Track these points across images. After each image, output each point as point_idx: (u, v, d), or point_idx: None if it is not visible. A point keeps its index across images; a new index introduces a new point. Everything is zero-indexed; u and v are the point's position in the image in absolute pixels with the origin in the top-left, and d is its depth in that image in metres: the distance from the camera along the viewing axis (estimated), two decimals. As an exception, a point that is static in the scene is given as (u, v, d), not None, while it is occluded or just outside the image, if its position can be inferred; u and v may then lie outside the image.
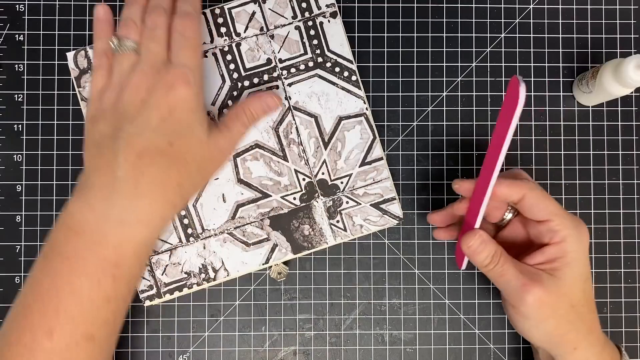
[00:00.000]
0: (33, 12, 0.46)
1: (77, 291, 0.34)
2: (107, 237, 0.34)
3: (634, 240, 0.47)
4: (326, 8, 0.44)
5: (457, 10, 0.48)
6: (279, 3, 0.44)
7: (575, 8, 0.48)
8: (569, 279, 0.36)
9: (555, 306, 0.36)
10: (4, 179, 0.46)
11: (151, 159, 0.35)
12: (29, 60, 0.46)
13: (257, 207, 0.44)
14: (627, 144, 0.47)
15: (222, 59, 0.44)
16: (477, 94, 0.47)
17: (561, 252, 0.36)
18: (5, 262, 0.46)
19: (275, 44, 0.44)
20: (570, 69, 0.48)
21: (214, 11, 0.44)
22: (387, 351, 0.46)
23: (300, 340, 0.46)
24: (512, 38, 0.48)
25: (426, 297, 0.46)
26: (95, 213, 0.35)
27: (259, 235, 0.44)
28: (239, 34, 0.44)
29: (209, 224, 0.44)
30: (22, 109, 0.46)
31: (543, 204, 0.37)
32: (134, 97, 0.36)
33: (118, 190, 0.34)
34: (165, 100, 0.36)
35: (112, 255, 0.35)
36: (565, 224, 0.36)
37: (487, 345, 0.46)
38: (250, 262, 0.44)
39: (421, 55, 0.47)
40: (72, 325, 0.34)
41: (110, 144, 0.36)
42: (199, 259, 0.44)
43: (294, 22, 0.44)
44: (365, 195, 0.44)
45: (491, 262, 0.36)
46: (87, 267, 0.34)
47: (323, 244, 0.44)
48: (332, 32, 0.44)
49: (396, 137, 0.47)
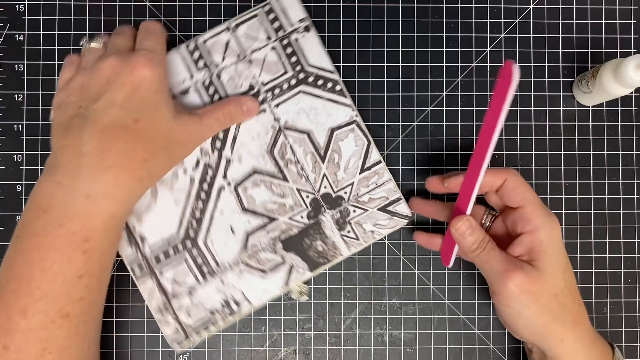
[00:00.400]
0: (33, 12, 0.46)
1: (49, 268, 0.34)
2: (75, 211, 0.35)
3: (634, 240, 0.47)
4: (299, 23, 0.44)
5: (457, 10, 0.48)
6: (251, 27, 0.44)
7: (575, 8, 0.48)
8: (548, 267, 0.37)
9: (537, 294, 0.37)
10: (4, 179, 0.46)
11: (116, 134, 0.36)
12: (29, 60, 0.46)
13: (267, 232, 0.43)
14: (627, 144, 0.47)
15: (205, 93, 0.44)
16: (477, 94, 0.47)
17: (536, 241, 0.38)
18: (5, 262, 0.46)
19: (255, 68, 0.44)
20: (570, 69, 0.48)
21: (188, 47, 0.44)
22: (387, 351, 0.46)
23: (300, 340, 0.46)
24: (512, 38, 0.48)
25: (426, 297, 0.46)
26: (62, 189, 0.35)
27: (274, 260, 0.43)
28: (217, 65, 0.44)
29: (222, 259, 0.43)
30: (22, 109, 0.46)
31: (520, 189, 0.38)
32: (99, 79, 0.37)
33: (84, 165, 0.35)
34: (130, 78, 0.37)
35: (81, 230, 0.35)
36: (538, 212, 0.38)
37: (487, 345, 0.46)
38: (270, 288, 0.43)
39: (421, 55, 0.47)
40: (45, 302, 0.34)
41: (76, 123, 0.36)
42: (219, 294, 0.43)
43: (269, 43, 0.44)
44: (371, 200, 0.44)
45: (478, 248, 0.38)
46: (56, 242, 0.34)
47: (338, 256, 0.44)
48: (309, 46, 0.44)
49: (396, 137, 0.47)
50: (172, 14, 0.47)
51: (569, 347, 0.38)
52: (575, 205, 0.47)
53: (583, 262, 0.47)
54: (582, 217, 0.47)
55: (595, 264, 0.47)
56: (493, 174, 0.39)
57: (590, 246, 0.47)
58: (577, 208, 0.47)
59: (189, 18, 0.47)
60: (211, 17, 0.47)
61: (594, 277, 0.47)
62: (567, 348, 0.38)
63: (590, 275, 0.47)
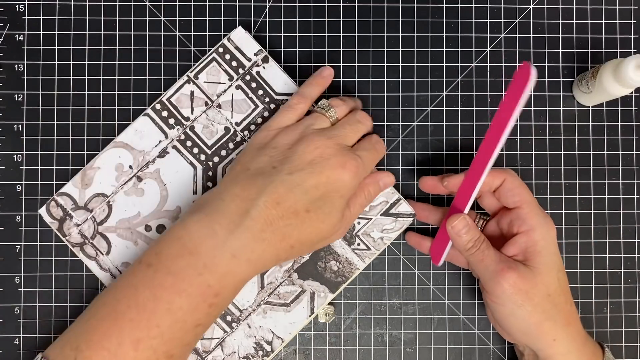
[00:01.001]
0: (33, 12, 0.46)
1: (175, 311, 0.34)
2: (217, 266, 0.34)
3: (634, 240, 0.47)
4: (255, 57, 0.44)
5: (457, 10, 0.48)
6: (211, 73, 0.44)
7: (575, 8, 0.48)
8: (543, 267, 0.38)
9: (531, 293, 0.37)
10: (4, 179, 0.46)
11: (284, 214, 0.36)
12: (29, 60, 0.46)
13: (280, 266, 0.43)
14: (627, 144, 0.47)
15: (183, 149, 0.44)
16: (477, 94, 0.47)
17: (530, 241, 0.38)
18: (5, 262, 0.46)
19: (226, 111, 0.44)
20: (570, 69, 0.48)
21: (154, 108, 0.44)
22: (387, 351, 0.46)
23: (300, 340, 0.46)
24: (512, 38, 0.48)
25: (426, 297, 0.46)
26: (215, 239, 0.34)
27: (293, 291, 0.43)
28: (188, 118, 0.44)
29: (244, 304, 0.43)
30: (22, 109, 0.46)
31: (518, 189, 0.39)
32: (306, 154, 0.37)
33: (245, 226, 0.35)
34: (329, 172, 0.37)
35: (216, 285, 0.35)
36: (534, 213, 0.39)
37: (487, 345, 0.46)
38: (297, 320, 0.43)
39: (421, 55, 0.47)
40: (159, 341, 0.34)
41: (261, 180, 0.36)
42: (249, 339, 0.43)
43: (232, 83, 0.44)
44: (372, 208, 0.44)
45: (473, 247, 0.39)
46: (190, 290, 0.34)
47: (355, 270, 0.44)
48: (271, 75, 0.44)
49: (396, 137, 0.47)
50: (172, 14, 0.47)
51: (561, 347, 0.38)
52: (575, 205, 0.47)
53: (583, 262, 0.47)
54: (582, 217, 0.47)
55: (595, 264, 0.47)
56: (492, 174, 0.39)
57: (590, 246, 0.47)
58: (577, 208, 0.47)
59: (189, 18, 0.47)
60: (211, 17, 0.47)
61: (594, 277, 0.47)
62: (560, 348, 0.38)
63: (590, 275, 0.47)
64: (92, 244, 0.43)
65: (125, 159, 0.44)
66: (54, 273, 0.46)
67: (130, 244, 0.43)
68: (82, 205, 0.43)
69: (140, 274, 0.35)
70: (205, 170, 0.44)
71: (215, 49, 0.44)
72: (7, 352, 0.45)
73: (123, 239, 0.43)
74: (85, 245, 0.43)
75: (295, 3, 0.47)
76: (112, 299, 0.35)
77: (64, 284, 0.46)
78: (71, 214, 0.43)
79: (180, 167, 0.44)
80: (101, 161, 0.44)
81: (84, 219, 0.43)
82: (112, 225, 0.43)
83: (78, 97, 0.46)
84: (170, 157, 0.44)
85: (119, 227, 0.43)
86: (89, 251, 0.43)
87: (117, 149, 0.44)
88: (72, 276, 0.46)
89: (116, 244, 0.43)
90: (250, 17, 0.47)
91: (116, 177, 0.43)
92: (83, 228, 0.43)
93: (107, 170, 0.44)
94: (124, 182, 0.43)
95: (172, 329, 0.34)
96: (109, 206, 0.43)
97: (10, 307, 0.46)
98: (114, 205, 0.43)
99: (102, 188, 0.43)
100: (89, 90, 0.46)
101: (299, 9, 0.47)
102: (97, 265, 0.43)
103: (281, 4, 0.47)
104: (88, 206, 0.43)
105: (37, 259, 0.46)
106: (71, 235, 0.43)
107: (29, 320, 0.46)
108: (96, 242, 0.43)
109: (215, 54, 0.44)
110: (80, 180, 0.43)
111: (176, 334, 0.34)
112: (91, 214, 0.43)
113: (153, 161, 0.43)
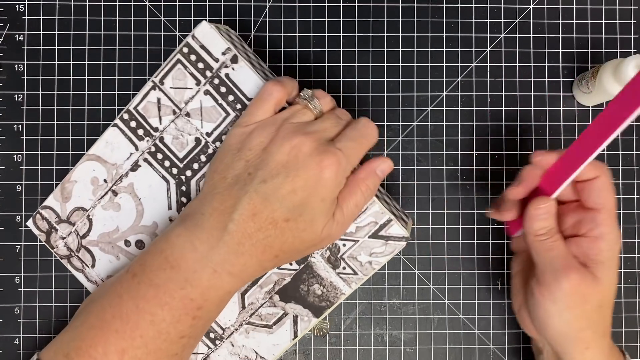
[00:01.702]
0: (33, 12, 0.46)
1: (157, 323, 0.34)
2: (199, 280, 0.34)
3: (634, 240, 0.47)
4: (223, 56, 0.39)
5: (457, 10, 0.48)
6: (176, 77, 0.40)
7: (575, 8, 0.48)
8: (604, 278, 0.36)
9: (586, 299, 0.36)
10: (4, 179, 0.46)
11: (261, 225, 0.34)
12: (29, 60, 0.46)
13: (260, 287, 0.41)
14: (627, 144, 0.47)
15: (155, 162, 0.41)
16: (477, 94, 0.47)
17: (596, 248, 0.36)
18: (5, 262, 0.46)
19: (195, 120, 0.40)
20: (570, 69, 0.48)
21: (122, 118, 0.41)
22: (387, 351, 0.46)
23: (300, 341, 0.46)
24: (512, 38, 0.48)
25: (426, 297, 0.46)
26: (196, 254, 0.34)
27: (275, 313, 0.42)
28: (156, 129, 0.40)
29: (225, 322, 0.42)
30: (22, 109, 0.46)
31: (607, 192, 0.36)
32: (281, 154, 0.34)
33: (223, 242, 0.34)
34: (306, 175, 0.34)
35: (199, 298, 0.34)
36: (611, 221, 0.36)
37: (487, 345, 0.46)
38: (280, 342, 0.42)
39: (421, 55, 0.47)
40: (143, 351, 0.34)
41: (235, 191, 0.35)
42: (233, 357, 0.42)
43: (200, 87, 0.39)
44: (359, 229, 0.40)
45: (546, 234, 0.36)
46: (172, 303, 0.34)
47: (340, 296, 0.41)
48: (242, 78, 0.39)
49: (396, 137, 0.47)
50: (172, 14, 0.47)
51: (590, 356, 0.37)
52: (575, 205, 0.47)
53: (583, 262, 0.47)
54: (582, 217, 0.47)
55: (595, 264, 0.47)
56: (589, 166, 0.36)
57: (590, 246, 0.47)
58: (577, 208, 0.47)
59: (189, 18, 0.47)
60: (211, 17, 0.47)
61: (594, 277, 0.47)
62: (589, 356, 0.37)
63: None
64: (78, 257, 0.43)
65: (100, 173, 0.42)
66: (54, 273, 0.46)
67: (112, 258, 0.42)
68: (65, 218, 0.42)
69: (125, 283, 0.35)
70: (179, 185, 0.41)
71: (179, 49, 0.39)
72: (7, 352, 0.45)
73: (105, 253, 0.42)
74: (72, 258, 0.43)
75: (295, 3, 0.47)
76: (99, 307, 0.35)
77: (64, 284, 0.46)
78: (56, 227, 0.42)
79: (153, 182, 0.41)
80: (77, 174, 0.42)
81: (68, 232, 0.42)
82: (94, 240, 0.42)
83: (78, 97, 0.46)
84: (142, 170, 0.41)
85: (101, 241, 0.42)
86: (76, 264, 0.43)
87: (90, 162, 0.42)
88: (72, 276, 0.46)
89: (99, 257, 0.42)
90: (250, 17, 0.47)
91: (93, 191, 0.42)
92: (68, 241, 0.42)
93: (83, 184, 0.42)
94: (100, 196, 0.42)
95: (156, 340, 0.34)
96: (89, 220, 0.42)
97: (10, 307, 0.46)
98: (94, 220, 0.42)
99: (81, 202, 0.42)
100: (89, 91, 0.46)
101: (299, 9, 0.47)
102: (85, 278, 0.43)
103: (281, 4, 0.47)
104: (70, 220, 0.42)
105: (37, 259, 0.46)
106: (58, 247, 0.43)
107: (29, 320, 0.46)
108: (81, 255, 0.42)
109: (180, 55, 0.39)
110: (60, 194, 0.42)
111: (161, 345, 0.34)
112: (74, 228, 0.42)
113: (126, 175, 0.41)
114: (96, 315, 0.35)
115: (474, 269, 0.47)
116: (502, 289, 0.47)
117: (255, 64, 0.41)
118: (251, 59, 0.41)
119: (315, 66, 0.47)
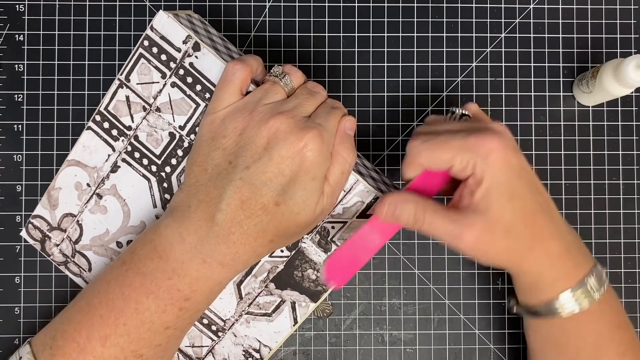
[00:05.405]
0: (33, 12, 0.47)
1: (142, 311, 0.34)
2: (187, 271, 0.34)
3: (634, 240, 0.47)
4: (185, 45, 0.37)
5: (457, 10, 0.48)
6: (141, 72, 0.39)
7: (575, 8, 0.48)
8: (493, 205, 0.34)
9: (491, 240, 0.34)
10: (4, 179, 0.46)
11: (251, 212, 0.33)
12: (29, 60, 0.46)
13: (255, 277, 0.41)
14: (627, 144, 0.47)
15: (133, 161, 0.40)
16: (477, 94, 0.47)
17: (474, 182, 0.34)
18: (5, 262, 0.46)
19: (166, 115, 0.39)
20: (570, 69, 0.48)
21: (95, 120, 0.40)
22: (387, 351, 0.46)
23: (300, 340, 0.46)
24: (512, 38, 0.48)
25: (426, 297, 0.46)
26: (184, 245, 0.34)
27: (273, 301, 0.42)
28: (130, 128, 0.40)
29: (225, 314, 0.42)
30: (22, 109, 0.46)
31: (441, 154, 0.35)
32: (261, 137, 0.33)
33: (212, 233, 0.34)
34: (289, 154, 0.33)
35: (186, 289, 0.34)
36: (465, 156, 0.34)
37: (487, 345, 0.46)
38: (281, 329, 0.42)
39: (421, 55, 0.47)
40: (126, 339, 0.34)
41: (220, 181, 0.34)
42: (237, 347, 0.42)
43: (166, 80, 0.38)
44: (346, 210, 0.39)
45: (417, 221, 0.35)
46: (158, 292, 0.34)
47: None
48: (207, 65, 0.37)
49: (396, 137, 0.47)
50: (172, 14, 0.47)
51: (528, 275, 0.36)
52: (575, 205, 0.47)
53: (583, 262, 0.47)
54: (582, 217, 0.47)
55: (595, 264, 0.47)
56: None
57: (591, 246, 0.47)
58: (577, 208, 0.47)
59: (189, 18, 0.47)
60: (211, 17, 0.47)
61: (594, 277, 0.47)
62: (527, 276, 0.36)
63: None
64: (74, 262, 0.43)
65: (82, 177, 0.41)
66: (54, 273, 0.46)
67: (107, 260, 0.42)
68: (56, 225, 0.42)
69: (115, 270, 0.35)
70: (160, 182, 0.41)
71: (140, 42, 0.38)
72: (7, 352, 0.45)
73: (100, 256, 0.42)
74: (68, 264, 0.43)
75: (295, 3, 0.47)
76: (89, 292, 0.36)
77: (64, 284, 0.46)
78: (49, 235, 0.42)
79: (135, 181, 0.41)
80: (60, 181, 0.41)
81: (61, 239, 0.42)
82: (87, 244, 0.42)
83: (78, 97, 0.46)
84: (122, 171, 0.41)
85: (93, 245, 0.42)
86: (73, 269, 0.43)
87: (71, 167, 0.41)
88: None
89: (95, 260, 0.42)
90: (250, 17, 0.47)
91: (78, 196, 0.42)
92: (62, 247, 0.42)
93: (68, 190, 0.41)
94: (86, 200, 0.42)
95: (139, 329, 0.34)
96: (79, 225, 0.42)
97: (10, 307, 0.46)
98: (84, 224, 0.42)
99: (69, 208, 0.42)
100: (88, 90, 0.46)
101: (299, 9, 0.47)
102: (83, 281, 0.43)
103: (281, 4, 0.47)
104: (61, 226, 0.42)
105: (37, 259, 0.46)
106: (54, 254, 0.43)
107: (29, 320, 0.46)
108: (77, 260, 0.42)
109: (142, 49, 0.38)
110: (47, 202, 0.42)
111: (144, 334, 0.34)
112: (66, 234, 0.42)
113: (107, 177, 0.41)
114: (86, 299, 0.35)
115: (474, 269, 0.47)
116: (502, 289, 0.47)
117: (220, 48, 0.40)
118: (216, 44, 0.40)
119: (316, 66, 0.47)
